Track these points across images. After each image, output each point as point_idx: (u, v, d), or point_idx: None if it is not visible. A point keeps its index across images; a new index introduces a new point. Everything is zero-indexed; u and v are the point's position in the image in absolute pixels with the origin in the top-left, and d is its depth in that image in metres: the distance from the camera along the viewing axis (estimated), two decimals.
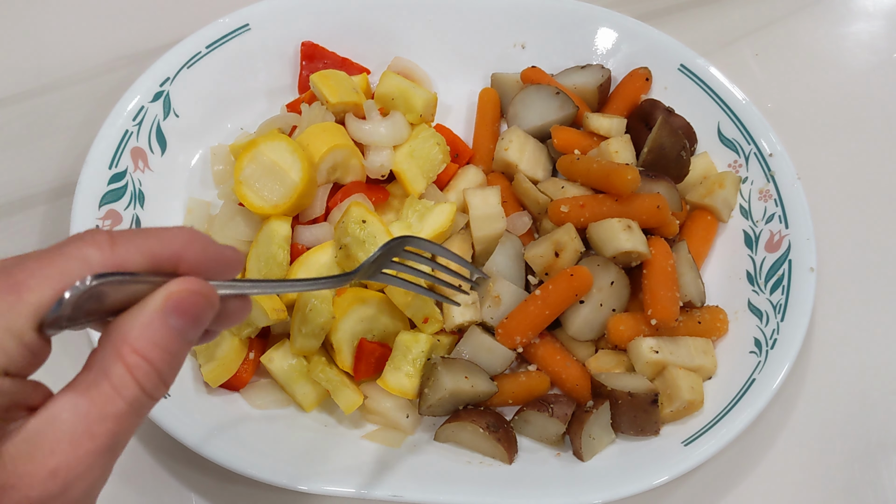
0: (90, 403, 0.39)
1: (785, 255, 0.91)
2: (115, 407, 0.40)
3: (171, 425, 0.81)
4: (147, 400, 0.41)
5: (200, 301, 0.42)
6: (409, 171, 0.94)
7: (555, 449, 0.85)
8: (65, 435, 0.39)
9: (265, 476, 0.79)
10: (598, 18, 1.06)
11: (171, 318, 0.41)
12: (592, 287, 0.87)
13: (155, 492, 0.86)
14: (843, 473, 0.87)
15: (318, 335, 0.85)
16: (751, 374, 0.84)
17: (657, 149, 0.93)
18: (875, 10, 1.20)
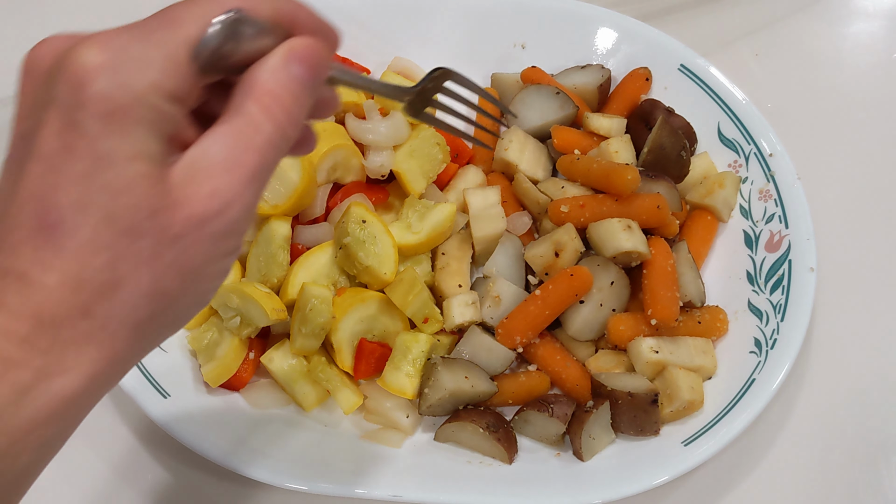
0: (235, 138, 0.45)
1: (785, 255, 0.91)
2: (256, 139, 0.45)
3: (171, 425, 0.81)
4: (280, 135, 0.46)
5: (317, 55, 0.47)
6: (410, 171, 0.94)
7: (555, 449, 0.85)
8: (218, 163, 0.44)
9: (265, 476, 0.79)
10: (598, 18, 1.06)
11: (292, 66, 0.46)
12: (592, 287, 0.87)
13: (155, 492, 0.86)
14: (843, 473, 0.87)
15: (318, 335, 0.85)
16: (751, 374, 0.84)
17: (657, 149, 0.93)
18: (875, 10, 1.20)
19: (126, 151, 0.41)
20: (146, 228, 0.42)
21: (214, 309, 0.88)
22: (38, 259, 0.41)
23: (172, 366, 0.87)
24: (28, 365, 0.41)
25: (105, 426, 0.89)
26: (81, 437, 0.88)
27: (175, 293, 0.44)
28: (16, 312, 0.41)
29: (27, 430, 0.42)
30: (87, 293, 0.41)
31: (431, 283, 0.93)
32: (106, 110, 0.41)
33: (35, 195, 0.41)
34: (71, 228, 0.41)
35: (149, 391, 0.83)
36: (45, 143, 0.42)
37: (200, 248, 0.44)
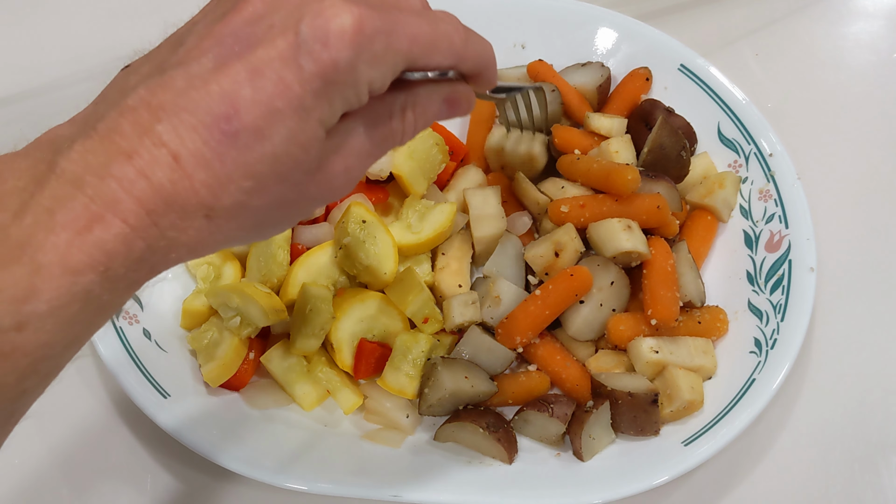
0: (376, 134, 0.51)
1: (785, 255, 0.91)
2: (386, 143, 0.52)
3: (172, 425, 0.81)
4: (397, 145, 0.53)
5: (465, 108, 0.55)
6: (410, 172, 0.94)
7: (555, 449, 0.85)
8: (357, 148, 0.50)
9: (264, 476, 0.79)
10: (598, 18, 1.06)
11: (444, 106, 0.54)
12: (592, 287, 0.87)
13: (155, 492, 0.86)
14: (843, 473, 0.87)
15: (318, 335, 0.85)
16: (751, 374, 0.84)
17: (657, 149, 0.93)
18: (875, 10, 1.20)
19: (319, 115, 0.45)
20: (293, 179, 0.47)
21: (214, 309, 0.88)
22: (198, 151, 0.43)
23: (172, 366, 0.87)
24: (146, 238, 0.43)
25: (105, 426, 0.89)
26: (81, 437, 0.89)
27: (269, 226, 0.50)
28: (156, 186, 0.43)
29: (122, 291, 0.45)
30: (220, 202, 0.44)
31: (431, 283, 0.93)
32: (331, 76, 0.44)
33: (227, 96, 0.43)
34: (242, 145, 0.44)
35: (149, 391, 0.83)
36: (260, 57, 0.44)
37: (311, 204, 0.50)
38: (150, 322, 0.89)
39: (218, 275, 0.92)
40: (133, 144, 0.43)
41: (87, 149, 0.43)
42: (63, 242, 0.41)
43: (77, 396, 0.91)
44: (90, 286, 0.42)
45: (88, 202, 0.42)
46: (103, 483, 0.87)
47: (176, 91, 0.43)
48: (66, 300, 0.41)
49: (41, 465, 0.87)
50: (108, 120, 0.44)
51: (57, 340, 0.42)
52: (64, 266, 0.41)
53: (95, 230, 0.42)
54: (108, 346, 0.84)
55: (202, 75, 0.44)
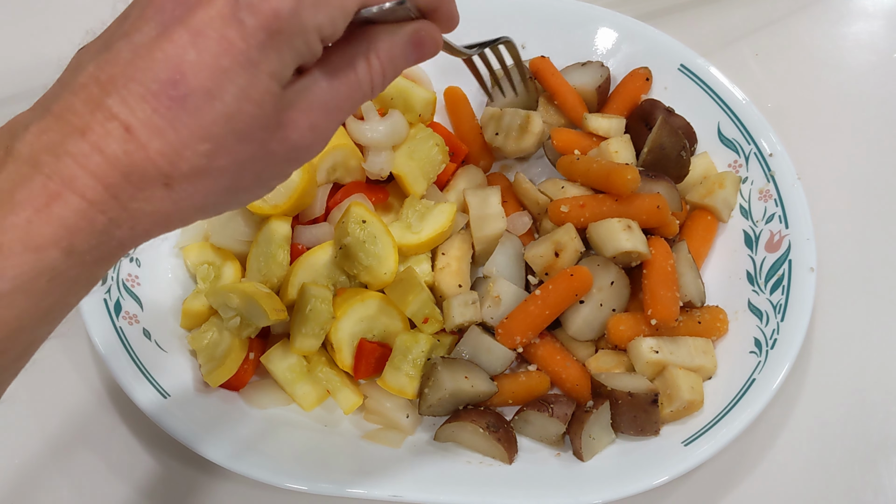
0: (342, 86, 0.49)
1: (785, 255, 0.91)
2: (355, 94, 0.50)
3: (171, 425, 0.81)
4: (366, 98, 0.51)
5: (431, 47, 0.53)
6: (410, 173, 0.94)
7: (555, 449, 0.85)
8: (323, 102, 0.49)
9: (265, 476, 0.79)
10: (599, 18, 1.06)
11: (409, 47, 0.51)
12: (592, 287, 0.87)
13: (154, 491, 0.86)
14: (843, 473, 0.87)
15: (318, 335, 0.85)
16: (751, 374, 0.84)
17: (657, 149, 0.93)
18: (875, 10, 1.20)
19: (270, 68, 0.45)
20: (252, 137, 0.46)
21: (214, 309, 0.88)
22: (149, 120, 0.43)
23: (172, 366, 0.87)
24: (106, 212, 0.43)
25: (105, 426, 0.90)
26: (81, 437, 0.89)
27: (242, 190, 0.49)
28: (111, 159, 0.43)
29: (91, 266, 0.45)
30: (178, 169, 0.44)
31: (431, 283, 0.93)
32: (274, 27, 0.44)
33: (172, 61, 0.43)
34: (192, 108, 0.43)
35: (149, 391, 0.83)
36: (200, 18, 0.43)
37: (280, 164, 0.49)
38: (150, 322, 0.89)
39: (218, 275, 0.92)
40: (86, 120, 0.43)
41: (42, 129, 0.44)
42: (22, 221, 0.42)
43: (76, 396, 0.91)
44: (54, 262, 0.42)
45: (46, 180, 0.42)
46: (103, 482, 0.87)
47: (122, 63, 0.44)
48: (30, 276, 0.42)
49: (40, 465, 0.87)
50: (61, 100, 0.44)
51: (26, 315, 0.43)
52: (25, 244, 0.42)
53: (54, 207, 0.42)
54: (108, 345, 0.84)
55: (146, 44, 0.44)
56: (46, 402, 0.90)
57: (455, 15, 0.54)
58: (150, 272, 0.92)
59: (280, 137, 0.47)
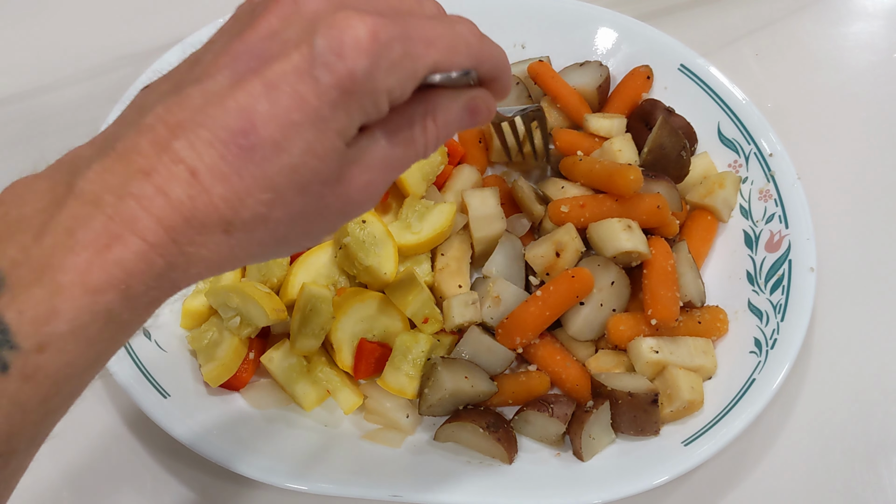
0: (397, 146, 0.50)
1: (785, 255, 0.91)
2: (410, 154, 0.51)
3: (171, 425, 0.81)
4: (419, 158, 0.52)
5: (485, 115, 0.54)
6: (410, 174, 0.94)
7: (555, 449, 0.85)
8: (380, 160, 0.49)
9: (265, 476, 0.79)
10: (598, 18, 1.06)
11: (465, 114, 0.52)
12: (593, 287, 0.87)
13: (155, 492, 0.86)
14: (843, 473, 0.87)
15: (318, 335, 0.85)
16: (751, 374, 0.84)
17: (657, 149, 0.93)
18: (875, 10, 1.20)
19: (337, 126, 0.45)
20: (312, 191, 0.46)
21: (214, 309, 0.88)
22: (215, 166, 0.43)
23: (172, 366, 0.87)
24: (165, 255, 0.43)
25: (105, 426, 0.89)
26: (81, 437, 0.89)
27: (292, 241, 0.49)
28: (174, 203, 0.43)
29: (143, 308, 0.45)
30: (239, 216, 0.44)
31: (431, 283, 0.93)
32: (348, 87, 0.44)
33: (244, 111, 0.43)
34: (259, 159, 0.44)
35: (149, 391, 0.83)
36: (276, 71, 0.44)
37: (333, 218, 0.49)
38: (150, 322, 0.89)
39: (218, 275, 0.92)
40: (151, 162, 0.43)
41: (106, 168, 0.43)
42: (83, 262, 0.41)
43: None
44: (111, 305, 0.42)
45: (108, 221, 0.42)
46: (103, 482, 0.87)
47: (193, 108, 0.43)
48: (86, 320, 0.41)
49: (40, 465, 0.87)
50: (127, 139, 0.44)
51: (79, 360, 0.42)
52: (84, 286, 0.41)
53: (115, 249, 0.42)
54: None
55: (219, 91, 0.44)
56: None
57: (509, 86, 0.56)
58: None
59: (338, 193, 0.48)
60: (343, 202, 0.48)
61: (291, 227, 0.47)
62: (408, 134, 0.50)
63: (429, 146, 0.52)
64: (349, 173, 0.48)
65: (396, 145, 0.50)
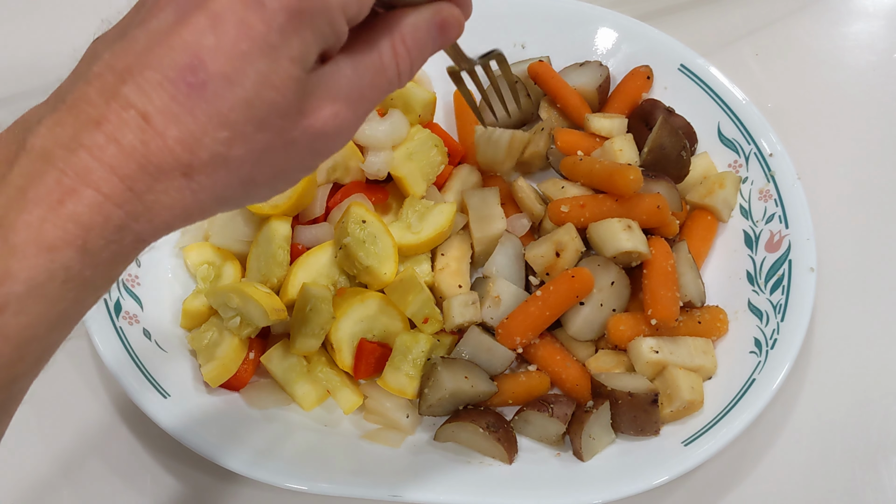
0: (366, 72, 0.48)
1: (785, 255, 0.91)
2: (380, 80, 0.49)
3: (171, 425, 0.81)
4: (393, 86, 0.50)
5: (457, 28, 0.52)
6: (410, 174, 0.94)
7: (555, 449, 0.85)
8: (346, 89, 0.47)
9: (265, 476, 0.79)
10: (598, 18, 1.06)
11: (434, 29, 0.50)
12: (593, 288, 0.87)
13: (155, 492, 0.86)
14: (843, 473, 0.87)
15: (318, 335, 0.85)
16: (751, 374, 0.84)
17: (657, 149, 0.93)
18: (875, 10, 1.20)
19: (292, 52, 0.43)
20: (272, 124, 0.44)
21: (214, 309, 0.88)
22: (166, 108, 0.41)
23: (172, 366, 0.87)
24: (123, 205, 0.42)
25: (105, 426, 0.89)
26: (81, 437, 0.89)
27: (261, 184, 0.47)
28: (127, 150, 0.41)
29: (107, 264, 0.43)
30: (197, 158, 0.43)
31: (431, 283, 0.93)
32: (296, 7, 0.42)
33: (190, 47, 0.42)
34: (211, 95, 0.42)
35: (149, 391, 0.83)
36: (220, 2, 0.42)
37: (302, 155, 0.47)
38: (150, 322, 0.89)
39: (218, 275, 0.92)
40: (101, 111, 0.41)
41: (56, 122, 0.42)
42: (35, 220, 0.40)
43: (77, 396, 0.91)
44: (68, 262, 0.41)
45: (60, 175, 0.40)
46: (103, 482, 0.87)
47: (139, 50, 0.42)
48: (43, 278, 0.40)
49: (40, 465, 0.87)
50: (76, 91, 0.42)
51: (39, 321, 0.41)
52: (38, 244, 0.40)
53: (68, 203, 0.40)
54: (108, 345, 0.84)
55: (163, 30, 0.42)
56: (46, 401, 0.90)
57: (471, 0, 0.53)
58: (150, 272, 0.92)
59: (302, 126, 0.45)
60: (310, 137, 0.46)
61: (257, 166, 0.45)
62: (375, 59, 0.48)
63: (402, 72, 0.49)
64: (312, 104, 0.45)
65: (363, 71, 0.47)
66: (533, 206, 0.94)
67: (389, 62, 0.49)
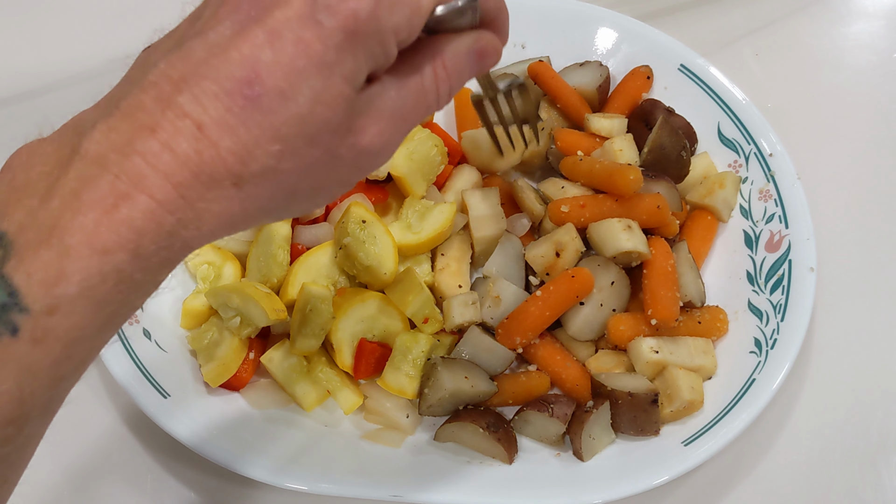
0: (408, 93, 0.49)
1: (785, 255, 0.91)
2: (421, 102, 0.50)
3: (171, 425, 0.81)
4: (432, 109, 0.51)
5: (494, 57, 0.53)
6: (410, 175, 0.94)
7: (555, 449, 0.85)
8: (391, 109, 0.48)
9: (265, 476, 0.79)
10: (598, 18, 1.06)
11: (472, 56, 0.51)
12: (593, 288, 0.87)
13: (155, 492, 0.86)
14: (843, 473, 0.87)
15: (318, 335, 0.85)
16: (751, 374, 0.84)
17: (657, 149, 0.93)
18: (875, 10, 1.20)
19: (346, 71, 0.44)
20: (321, 140, 0.45)
21: (214, 309, 0.88)
22: (221, 119, 0.42)
23: (172, 366, 0.87)
24: (175, 212, 0.43)
25: (105, 426, 0.89)
26: (81, 437, 0.89)
27: (304, 197, 0.48)
28: (181, 158, 0.42)
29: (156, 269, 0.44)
30: (248, 169, 0.44)
31: (431, 283, 0.93)
32: (353, 28, 0.43)
33: (247, 61, 0.43)
34: (266, 109, 0.43)
35: (149, 391, 0.83)
36: (277, 18, 0.43)
37: (345, 171, 0.48)
38: (150, 322, 0.89)
39: (218, 275, 0.92)
40: (156, 118, 0.42)
41: (111, 127, 0.43)
42: (90, 223, 0.41)
43: (76, 396, 0.90)
44: (121, 265, 0.41)
45: (114, 180, 0.41)
46: (103, 482, 0.87)
47: (196, 61, 0.43)
48: (96, 281, 0.41)
49: (40, 465, 0.87)
50: (130, 97, 0.43)
51: (89, 322, 0.42)
52: (92, 246, 0.41)
53: (122, 208, 0.41)
54: (108, 346, 0.84)
55: (221, 43, 0.43)
56: None
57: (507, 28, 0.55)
58: None
59: (349, 143, 0.47)
60: (355, 153, 0.47)
61: (302, 179, 0.46)
62: (418, 82, 0.49)
63: (441, 96, 0.51)
64: (359, 122, 0.47)
65: (407, 93, 0.49)
66: (533, 206, 0.94)
67: (430, 86, 0.50)
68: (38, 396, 0.42)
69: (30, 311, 0.40)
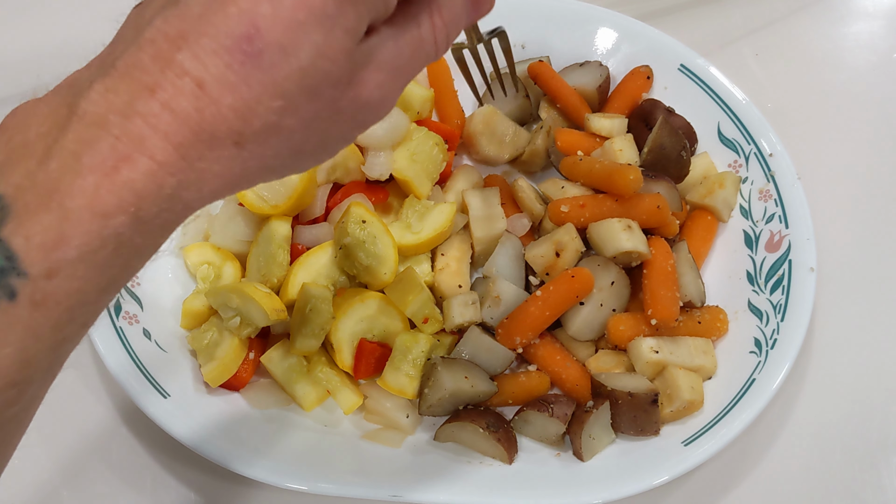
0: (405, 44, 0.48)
1: (785, 255, 0.91)
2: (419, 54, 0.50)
3: (171, 425, 0.81)
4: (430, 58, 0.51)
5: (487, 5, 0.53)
6: (416, 177, 0.94)
7: (555, 449, 0.85)
8: (390, 61, 0.48)
9: (265, 476, 0.79)
10: (598, 18, 1.06)
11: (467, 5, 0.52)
12: (593, 288, 0.87)
13: (155, 492, 0.86)
14: (843, 473, 0.87)
15: (318, 335, 0.85)
16: (751, 374, 0.84)
17: (657, 149, 0.93)
18: (875, 10, 1.20)
19: (347, 23, 0.44)
20: (323, 94, 0.44)
21: (214, 309, 0.88)
22: (222, 76, 0.42)
23: (172, 366, 0.87)
24: (176, 174, 0.42)
25: (104, 426, 0.89)
26: (81, 437, 0.89)
27: (307, 154, 0.48)
28: (181, 118, 0.41)
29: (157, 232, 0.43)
30: (250, 126, 0.43)
31: (431, 283, 0.93)
32: None
33: (246, 15, 0.42)
34: (267, 64, 0.42)
35: (149, 391, 0.83)
36: None
37: (346, 125, 0.48)
38: (150, 322, 0.89)
39: (218, 275, 0.92)
40: (155, 77, 0.41)
41: (108, 87, 0.42)
42: (91, 186, 0.40)
43: (76, 395, 0.91)
44: (121, 229, 0.41)
45: (115, 142, 0.41)
46: (103, 482, 0.87)
47: (193, 17, 0.42)
48: (96, 245, 0.41)
49: (40, 465, 0.87)
50: (127, 56, 0.42)
51: (90, 286, 0.41)
52: (93, 210, 0.40)
53: (123, 170, 0.40)
54: (108, 346, 0.84)
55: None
56: (46, 401, 0.90)
57: None
58: (150, 272, 0.92)
59: (350, 96, 0.46)
60: (356, 106, 0.47)
61: (305, 135, 0.46)
62: (416, 32, 0.49)
63: (439, 43, 0.50)
64: (360, 75, 0.46)
65: (406, 45, 0.48)
66: (533, 206, 0.94)
67: (428, 35, 0.49)
68: (40, 359, 0.42)
69: (28, 275, 0.40)
